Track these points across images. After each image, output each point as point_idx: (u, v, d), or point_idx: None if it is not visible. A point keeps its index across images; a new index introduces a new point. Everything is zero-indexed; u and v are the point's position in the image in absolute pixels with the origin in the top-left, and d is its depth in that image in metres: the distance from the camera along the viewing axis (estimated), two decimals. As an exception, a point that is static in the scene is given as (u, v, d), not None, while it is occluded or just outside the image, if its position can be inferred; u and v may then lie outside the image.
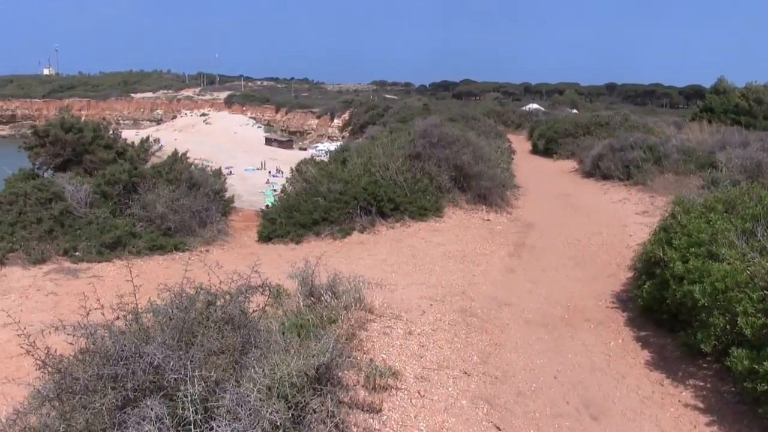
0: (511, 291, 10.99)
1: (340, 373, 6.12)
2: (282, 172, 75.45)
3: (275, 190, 60.35)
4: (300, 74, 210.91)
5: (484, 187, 18.26)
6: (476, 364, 7.65)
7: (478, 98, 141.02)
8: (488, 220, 17.09)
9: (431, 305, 9.72)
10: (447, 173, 18.06)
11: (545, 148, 36.45)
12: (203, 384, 4.67)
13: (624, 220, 17.07)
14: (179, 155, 18.85)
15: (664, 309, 8.95)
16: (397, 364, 7.10)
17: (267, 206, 20.05)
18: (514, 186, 21.43)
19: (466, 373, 7.31)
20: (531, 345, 8.66)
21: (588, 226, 16.29)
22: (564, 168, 29.88)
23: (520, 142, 41.78)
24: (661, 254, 9.17)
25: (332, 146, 80.00)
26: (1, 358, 9.41)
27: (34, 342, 5.04)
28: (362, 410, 5.99)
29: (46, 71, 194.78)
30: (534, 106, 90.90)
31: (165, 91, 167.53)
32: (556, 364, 8.07)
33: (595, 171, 25.39)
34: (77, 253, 14.13)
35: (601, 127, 34.67)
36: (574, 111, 71.38)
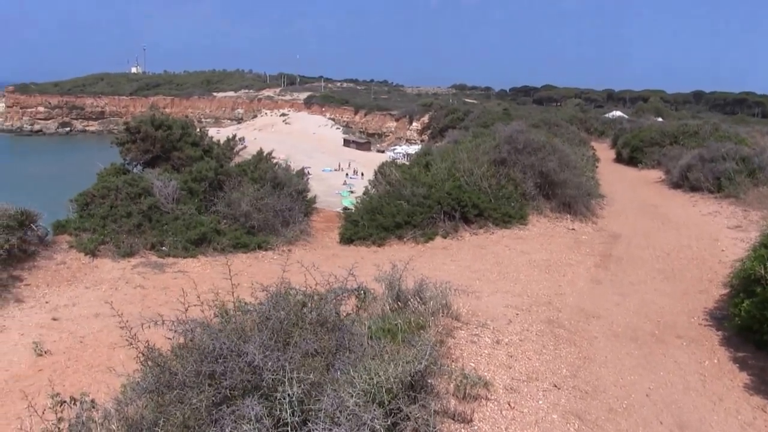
0: (599, 303, 10.72)
1: (432, 381, 6.04)
2: (359, 174, 75.86)
3: (352, 192, 60.80)
4: (379, 76, 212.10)
5: (570, 196, 17.94)
6: (566, 378, 7.46)
7: (558, 104, 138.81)
8: (573, 229, 16.77)
9: (517, 314, 9.54)
10: (532, 180, 17.82)
11: (630, 157, 35.58)
12: (301, 386, 4.64)
13: (715, 234, 16.49)
14: (264, 154, 19.07)
15: (765, 329, 8.56)
16: (486, 373, 6.97)
17: (344, 207, 20.12)
18: (599, 195, 20.98)
19: (556, 386, 7.13)
20: (621, 360, 8.41)
21: (677, 239, 15.80)
22: (649, 178, 29.14)
23: (603, 150, 40.92)
24: (763, 272, 8.79)
25: (410, 149, 79.93)
26: (95, 347, 9.68)
27: (135, 335, 5.12)
28: (453, 420, 5.89)
29: (133, 70, 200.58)
30: (617, 113, 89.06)
31: (246, 91, 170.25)
32: (647, 382, 7.80)
33: (683, 182, 24.57)
34: (164, 247, 14.44)
35: (689, 136, 33.65)
36: (659, 119, 69.47)
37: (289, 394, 4.52)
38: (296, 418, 4.49)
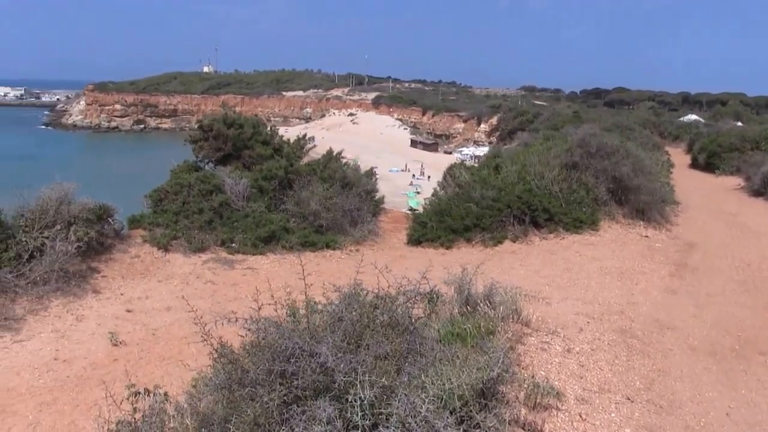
0: (674, 314, 10.41)
1: (503, 389, 5.94)
2: (426, 175, 75.71)
3: (418, 192, 60.75)
4: (448, 77, 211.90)
5: (643, 202, 17.52)
6: (639, 391, 7.25)
7: (631, 107, 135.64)
8: (646, 236, 16.39)
9: (588, 323, 9.36)
10: (604, 185, 17.48)
11: (706, 163, 34.59)
12: (372, 389, 4.60)
13: (801, 245, 15.86)
14: (334, 154, 19.15)
15: None
16: (557, 382, 6.84)
17: (410, 208, 20.05)
18: (673, 202, 20.42)
19: (629, 399, 6.94)
20: (698, 375, 8.12)
21: (758, 250, 15.26)
22: (727, 185, 28.29)
23: (678, 155, 39.94)
24: None
25: (478, 151, 79.54)
26: (167, 339, 9.86)
27: (208, 331, 5.16)
28: (524, 430, 5.79)
29: (206, 69, 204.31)
30: (693, 117, 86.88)
31: (315, 91, 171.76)
32: (727, 399, 7.47)
33: (765, 189, 23.73)
34: (234, 244, 14.63)
35: (773, 141, 32.53)
36: (739, 123, 67.22)
37: (360, 397, 4.48)
38: (367, 422, 4.45)
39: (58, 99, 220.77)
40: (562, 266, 13.29)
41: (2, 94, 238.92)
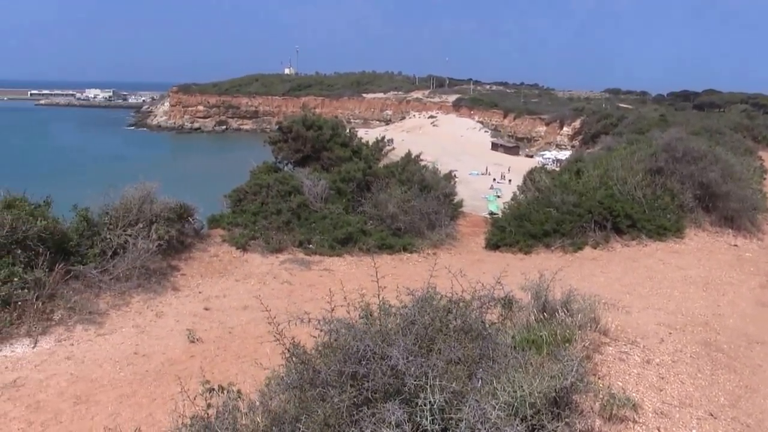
0: (765, 328, 9.96)
1: (577, 398, 5.78)
2: (506, 178, 75.07)
3: (498, 196, 60.24)
4: (530, 79, 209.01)
5: (732, 209, 16.91)
6: (724, 407, 6.93)
7: (721, 110, 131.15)
8: (735, 245, 15.80)
9: (670, 333, 9.05)
10: (691, 191, 16.94)
11: (805, 168, 33.12)
12: (443, 393, 4.54)
13: None
14: (412, 157, 19.12)
15: None
16: (635, 394, 6.62)
17: (490, 212, 19.87)
18: (766, 209, 19.61)
19: (712, 415, 6.65)
20: (789, 393, 7.73)
21: None
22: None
23: (772, 161, 38.34)
24: None
25: (560, 155, 78.40)
26: (242, 338, 9.99)
27: (282, 331, 5.18)
28: (598, 440, 5.62)
29: (287, 71, 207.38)
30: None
31: (395, 93, 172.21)
32: (823, 422, 7.08)
33: None
34: (311, 245, 14.74)
35: None
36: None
37: (430, 402, 4.44)
38: (436, 426, 4.41)
39: (143, 100, 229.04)
40: (644, 274, 12.93)
41: (92, 95, 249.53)
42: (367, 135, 32.91)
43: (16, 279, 10.12)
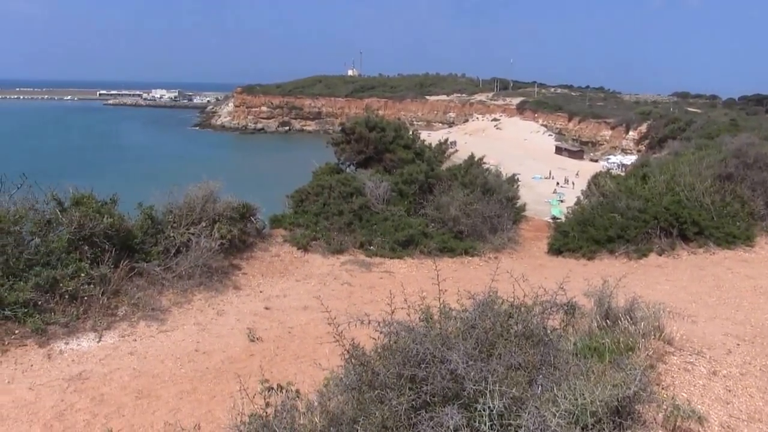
0: (840, 341, 9.60)
1: (639, 408, 5.66)
2: (570, 183, 74.14)
3: (562, 201, 59.53)
4: (595, 82, 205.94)
5: (806, 217, 16.39)
6: (795, 423, 6.71)
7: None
8: (808, 255, 15.30)
9: (738, 345, 8.77)
10: (762, 198, 16.51)
11: None
12: (502, 399, 4.49)
13: None
14: (475, 159, 19.03)
15: None
16: (700, 406, 6.43)
17: (553, 217, 19.64)
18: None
19: (783, 431, 6.43)
20: None
21: None
22: None
23: None
24: None
25: (626, 159, 77.09)
26: (302, 338, 10.05)
27: (341, 332, 5.19)
28: (661, 452, 5.49)
29: (350, 72, 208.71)
30: None
31: (458, 95, 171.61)
32: None
33: None
34: (372, 247, 14.76)
35: None
36: None
37: (489, 407, 4.39)
38: (495, 432, 4.35)
39: (208, 101, 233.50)
40: (712, 283, 12.61)
41: (158, 95, 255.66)
42: (430, 137, 32.88)
43: (82, 274, 10.39)
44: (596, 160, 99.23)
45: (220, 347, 9.69)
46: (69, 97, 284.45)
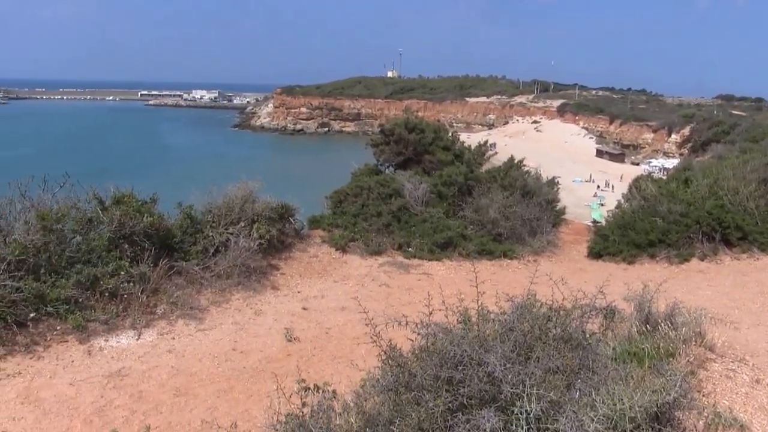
0: None
1: (679, 415, 5.57)
2: (610, 186, 73.34)
3: (602, 204, 58.89)
4: (637, 85, 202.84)
5: None
6: (843, 435, 6.55)
7: None
8: None
9: (782, 352, 8.61)
10: (809, 203, 16.14)
11: None
12: (540, 403, 4.46)
13: None
14: (515, 162, 18.93)
15: None
16: (742, 415, 6.32)
17: (593, 220, 19.45)
18: None
19: (827, 441, 6.29)
20: None
21: None
22: None
23: None
24: None
25: (668, 163, 76.06)
26: (339, 339, 10.08)
27: (378, 333, 5.20)
28: (701, 460, 5.40)
29: (389, 74, 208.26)
30: None
31: (498, 97, 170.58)
32: None
33: None
34: (410, 249, 14.75)
35: None
36: None
37: (527, 410, 4.37)
38: (532, 436, 4.33)
39: (248, 102, 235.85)
40: (755, 289, 12.38)
41: (198, 96, 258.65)
42: (469, 139, 32.79)
43: (122, 273, 10.54)
44: (637, 164, 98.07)
45: (257, 347, 9.75)
46: (111, 98, 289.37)
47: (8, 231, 10.22)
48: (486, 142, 21.94)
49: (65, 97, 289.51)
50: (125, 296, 10.39)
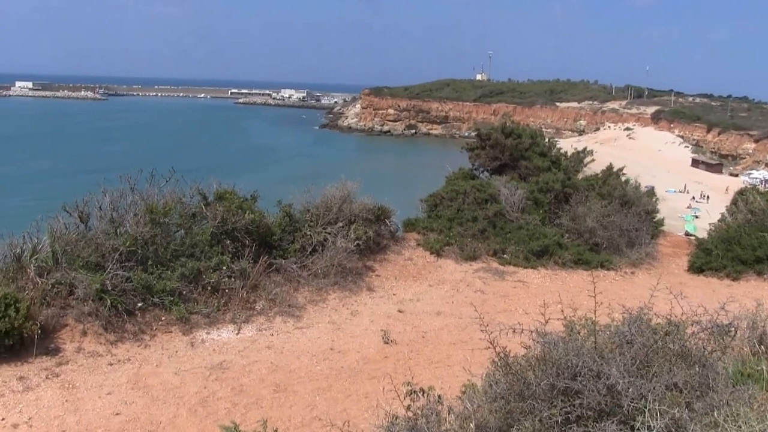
0: None
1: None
2: (706, 198, 71.03)
3: (697, 217, 57.11)
4: (739, 92, 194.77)
5: None
6: None
7: None
8: None
9: None
10: None
11: None
12: (663, 419, 4.30)
13: None
14: (614, 170, 18.49)
15: None
16: None
17: (686, 233, 18.85)
18: None
19: None
20: None
21: None
22: None
23: None
24: None
25: (770, 175, 73.02)
26: (435, 343, 10.04)
27: (494, 340, 5.12)
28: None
29: (479, 76, 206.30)
30: None
31: (590, 102, 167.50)
32: None
33: None
34: (505, 255, 14.59)
35: None
36: None
37: (649, 426, 4.22)
38: (655, 453, 4.18)
39: (335, 102, 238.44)
40: None
41: (287, 95, 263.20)
42: (559, 145, 32.18)
43: (224, 267, 10.80)
44: (736, 175, 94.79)
45: (354, 347, 9.80)
46: (202, 95, 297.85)
47: (119, 222, 10.57)
48: (585, 148, 21.49)
49: (160, 94, 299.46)
50: (226, 291, 10.64)
